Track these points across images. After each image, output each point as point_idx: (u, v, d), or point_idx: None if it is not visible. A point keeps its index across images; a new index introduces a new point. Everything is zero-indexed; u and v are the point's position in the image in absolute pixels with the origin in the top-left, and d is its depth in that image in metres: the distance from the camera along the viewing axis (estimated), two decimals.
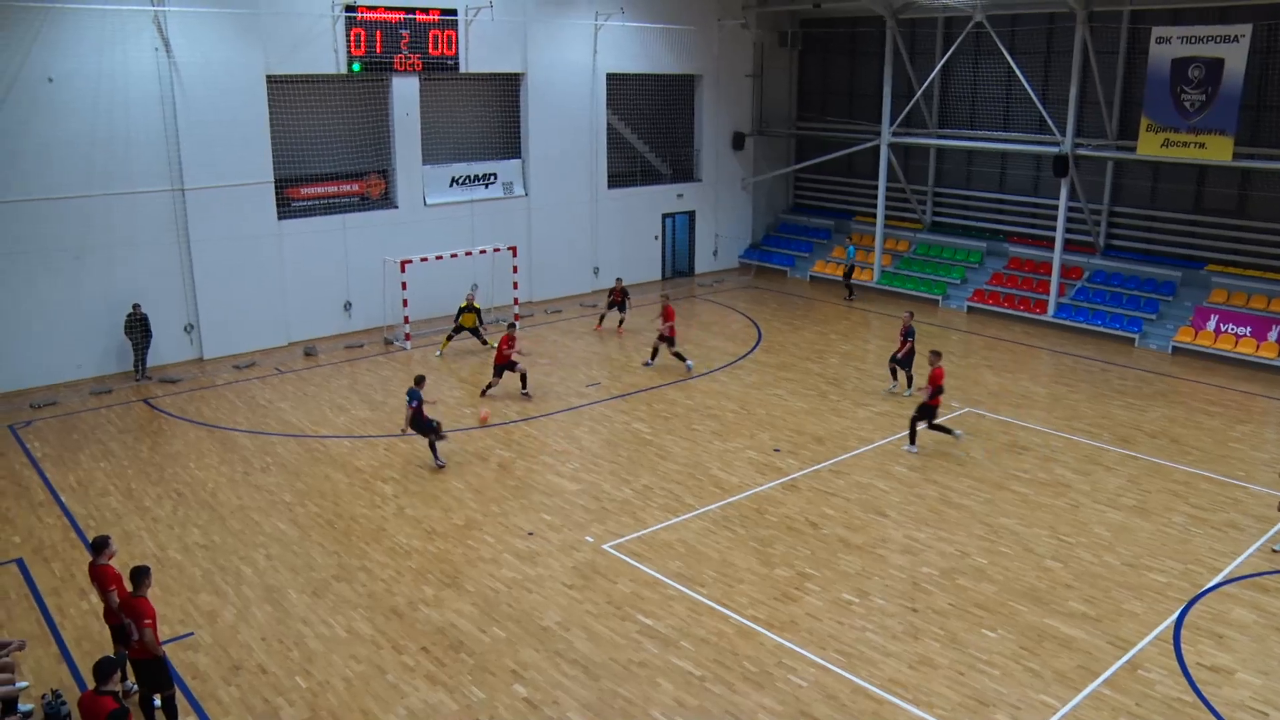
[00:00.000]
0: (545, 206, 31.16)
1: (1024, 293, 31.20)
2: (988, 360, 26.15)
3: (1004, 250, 33.27)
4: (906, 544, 15.60)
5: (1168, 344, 27.82)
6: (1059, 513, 16.83)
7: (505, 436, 19.85)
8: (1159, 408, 22.64)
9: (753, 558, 15.04)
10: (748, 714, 11.39)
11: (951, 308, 32.20)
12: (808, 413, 21.56)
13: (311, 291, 26.44)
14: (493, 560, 14.79)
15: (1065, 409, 22.16)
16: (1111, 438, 20.49)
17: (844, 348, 26.96)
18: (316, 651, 12.48)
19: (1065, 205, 29.64)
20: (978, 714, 11.51)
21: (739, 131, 36.66)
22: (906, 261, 34.69)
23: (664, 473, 18.17)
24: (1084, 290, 30.53)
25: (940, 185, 35.72)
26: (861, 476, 18.20)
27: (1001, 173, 33.99)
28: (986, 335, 28.94)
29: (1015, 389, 23.56)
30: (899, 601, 13.89)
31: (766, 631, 13.07)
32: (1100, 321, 29.22)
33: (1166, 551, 15.66)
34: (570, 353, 25.72)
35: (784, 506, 16.85)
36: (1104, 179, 31.14)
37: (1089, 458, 19.28)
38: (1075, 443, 20.05)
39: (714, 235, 36.87)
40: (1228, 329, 27.30)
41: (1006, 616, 13.58)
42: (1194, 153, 26.70)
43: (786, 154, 39.15)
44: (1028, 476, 18.31)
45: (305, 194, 26.51)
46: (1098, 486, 17.91)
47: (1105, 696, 11.93)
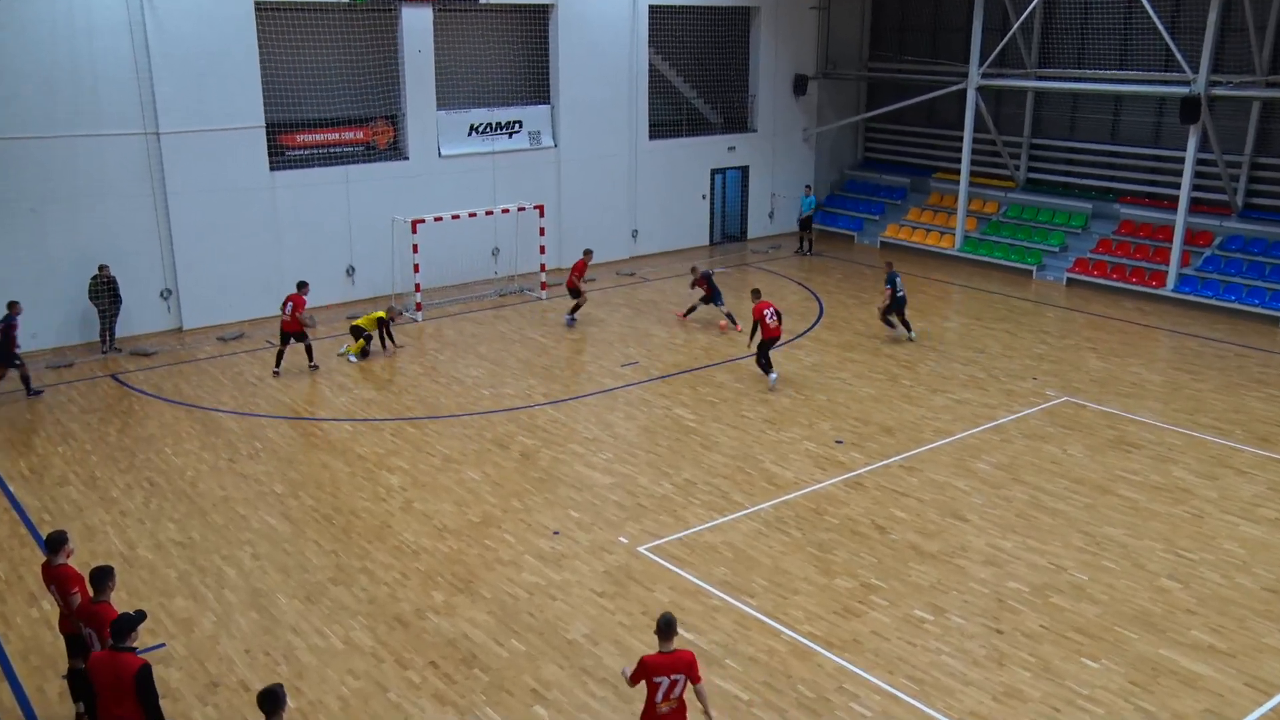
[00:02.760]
0: (577, 160, 31.10)
1: (1138, 262, 30.72)
2: (1091, 342, 25.79)
3: (1114, 212, 32.79)
4: (990, 554, 15.41)
5: None
6: (1178, 523, 16.51)
7: (529, 422, 19.86)
8: None
9: (810, 566, 14.92)
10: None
11: (1048, 280, 31.80)
12: (875, 399, 21.38)
13: (309, 254, 26.55)
14: (512, 563, 14.79)
15: (1187, 400, 21.76)
16: (1246, 435, 20.06)
17: (919, 325, 26.67)
18: (309, 665, 12.50)
19: (1194, 157, 28.87)
20: None
21: (801, 74, 36.36)
22: (995, 226, 34.31)
23: (709, 466, 18.09)
24: (1214, 259, 29.89)
25: (1038, 136, 35.25)
26: (937, 474, 18.01)
27: (1114, 120, 33.39)
28: (1090, 313, 28.54)
29: (1125, 375, 23.20)
30: (981, 621, 13.72)
31: (825, 651, 12.95)
32: (1234, 297, 28.58)
33: None
34: (604, 328, 25.70)
35: (847, 507, 16.71)
36: (1247, 124, 30.13)
37: (1217, 459, 18.91)
38: (1199, 440, 19.68)
39: (770, 194, 36.68)
40: None
41: (1112, 644, 13.34)
42: None
43: (856, 100, 38.82)
44: (1138, 479, 18.01)
45: (302, 141, 26.62)
46: (1228, 494, 17.54)
47: None
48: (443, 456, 18.33)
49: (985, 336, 25.93)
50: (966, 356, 24.14)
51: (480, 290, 28.59)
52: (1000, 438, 19.59)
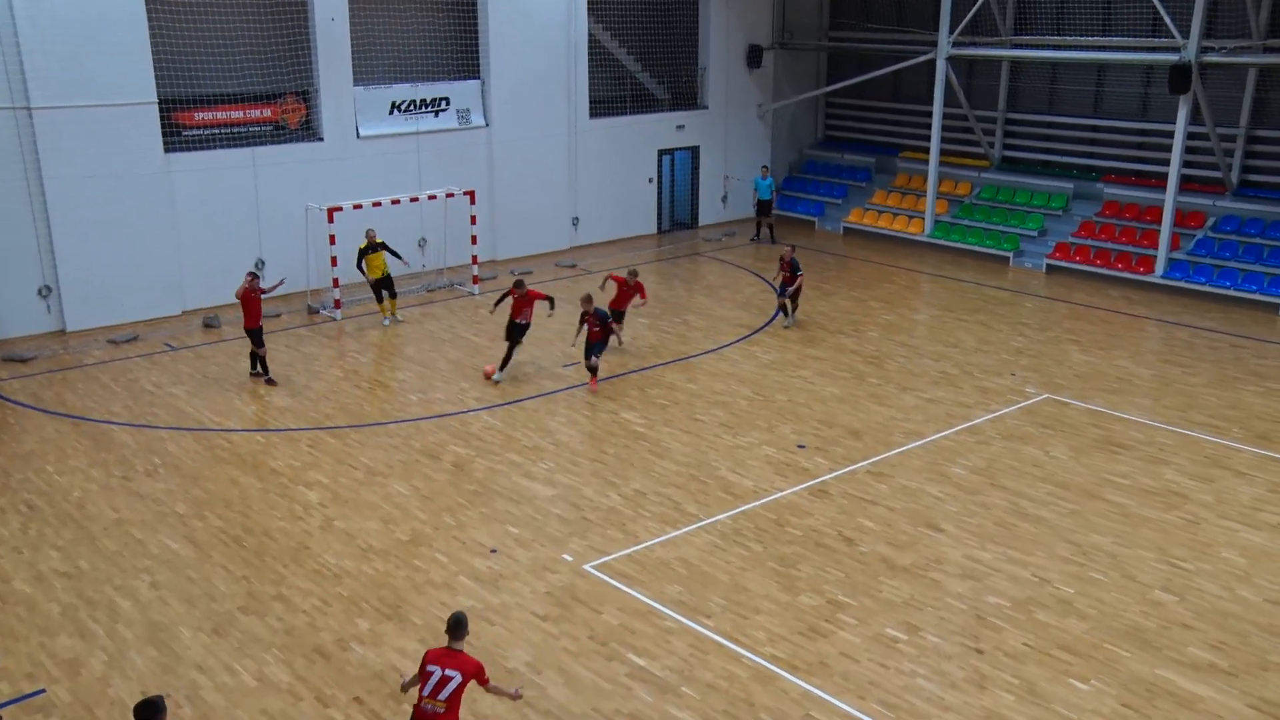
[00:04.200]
0: (511, 140, 31.01)
1: (1124, 247, 31.15)
2: (1073, 334, 26.10)
3: (1098, 192, 33.22)
4: (968, 566, 15.54)
5: None
6: (1171, 530, 16.72)
7: (462, 429, 19.77)
8: None
9: (772, 582, 14.96)
10: None
11: (1026, 267, 32.15)
12: (840, 400, 21.51)
13: (212, 246, 26.27)
14: (445, 585, 14.69)
15: (1179, 396, 22.07)
16: (1245, 434, 20.37)
17: (886, 318, 26.91)
18: (216, 707, 12.30)
19: (1184, 131, 29.21)
20: None
21: (755, 45, 36.51)
22: (967, 209, 34.67)
23: (660, 475, 18.09)
24: (1206, 242, 30.31)
25: (1014, 110, 35.64)
26: (909, 480, 18.14)
27: (1097, 92, 33.78)
28: (1072, 302, 28.91)
29: (1110, 370, 23.50)
30: (959, 640, 13.82)
31: (789, 675, 12.99)
32: (1229, 283, 29.03)
33: None
34: (544, 325, 25.58)
35: (811, 517, 16.78)
36: (1242, 94, 30.51)
37: (1213, 459, 19.18)
38: (1193, 439, 19.96)
39: (723, 177, 36.78)
40: None
41: (1103, 663, 13.48)
42: None
43: (816, 73, 39.04)
44: (1127, 482, 18.23)
45: (201, 119, 26.28)
46: (1226, 497, 17.78)
47: None
48: (366, 469, 18.18)
49: (958, 329, 26.16)
50: (938, 352, 24.34)
51: (406, 285, 28.35)
52: (976, 439, 19.75)
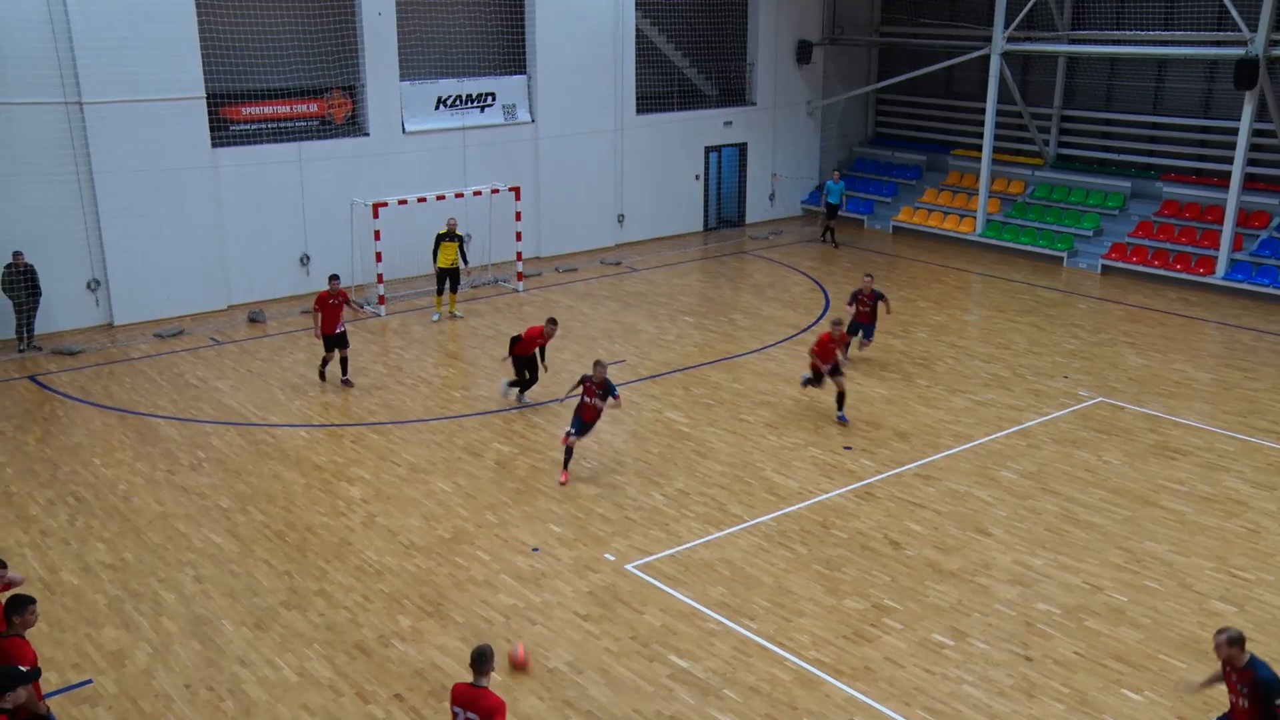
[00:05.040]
0: (557, 136, 31.13)
1: (1183, 247, 30.88)
2: (1129, 336, 25.91)
3: (1156, 191, 32.96)
4: (1017, 572, 15.48)
5: None
6: (1230, 539, 16.57)
7: (504, 427, 19.89)
8: None
9: (816, 585, 14.97)
10: None
11: (1080, 268, 31.96)
12: (888, 401, 21.49)
13: (257, 241, 26.57)
14: (487, 584, 14.79)
15: (1239, 401, 21.87)
16: None
17: (935, 319, 26.82)
18: (258, 701, 12.45)
19: (1249, 128, 28.92)
20: None
21: (805, 40, 36.48)
22: (1020, 208, 34.48)
23: (704, 475, 18.13)
24: (1271, 243, 29.95)
25: (1071, 108, 35.45)
26: (957, 483, 18.09)
27: (1157, 88, 33.51)
28: (1128, 304, 28.69)
29: (1167, 374, 23.32)
30: (1007, 647, 13.78)
31: (833, 680, 13.00)
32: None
33: None
34: (588, 323, 25.72)
35: (857, 520, 16.78)
36: None
37: (1275, 466, 18.96)
38: (1254, 445, 19.76)
39: (771, 174, 36.77)
40: None
41: (1157, 674, 13.37)
42: None
43: (866, 70, 38.94)
44: (1184, 489, 18.08)
45: (248, 115, 26.59)
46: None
47: None
48: (409, 466, 18.33)
49: (1010, 331, 26.04)
50: (988, 354, 24.23)
51: None
52: (1027, 443, 19.66)
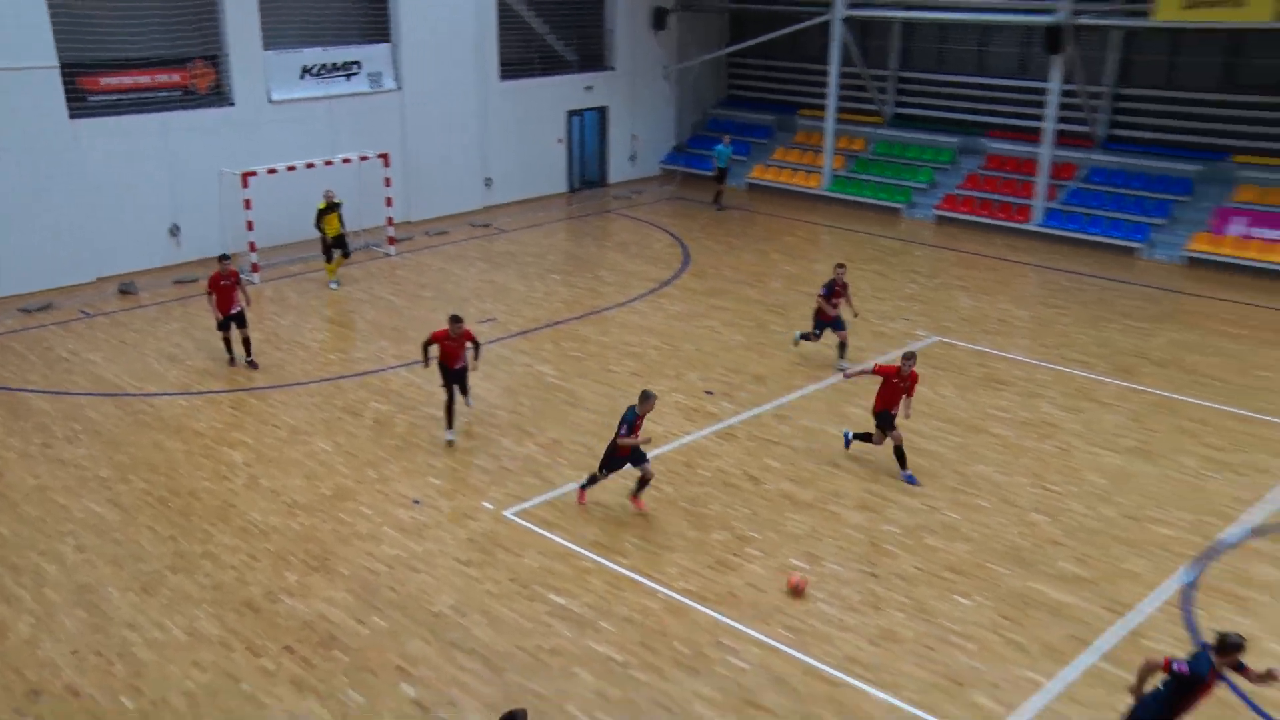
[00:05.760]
0: (423, 103, 30.76)
1: (1005, 197, 31.78)
2: (960, 280, 26.66)
3: (982, 147, 33.85)
4: (864, 499, 15.99)
5: (1180, 254, 28.53)
6: (1046, 458, 17.37)
7: (382, 387, 19.79)
8: (1168, 331, 23.32)
9: (683, 520, 15.30)
10: (681, 704, 11.68)
11: (917, 218, 32.71)
12: (745, 347, 21.84)
13: (124, 213, 25.75)
14: (370, 537, 14.81)
15: (1054, 335, 22.74)
16: (1109, 368, 21.10)
17: (788, 269, 27.28)
18: (147, 662, 12.27)
19: (1059, 89, 29.97)
20: (951, 695, 11.95)
21: (660, 7, 36.46)
22: (862, 163, 35.10)
23: (575, 423, 18.32)
24: (1078, 193, 31.12)
25: (906, 69, 36.10)
26: (810, 420, 18.55)
27: (981, 51, 34.37)
28: (959, 250, 29.47)
29: (993, 313, 24.10)
30: (857, 566, 14.27)
31: (701, 607, 13.34)
32: (1098, 230, 29.85)
33: (1175, 500, 16.21)
34: (460, 283, 25.63)
35: (718, 459, 17.13)
36: (1109, 54, 31.44)
37: (1082, 392, 19.85)
38: (1065, 375, 20.61)
39: (630, 136, 36.82)
40: (1257, 233, 27.74)
41: (984, 581, 14.04)
42: (1226, 14, 26.33)
43: (719, 35, 39.06)
44: (1007, 416, 18.84)
45: (106, 85, 25.50)
46: (1092, 426, 18.47)
47: (1103, 671, 12.38)
48: (289, 428, 18.17)
49: (855, 278, 26.49)
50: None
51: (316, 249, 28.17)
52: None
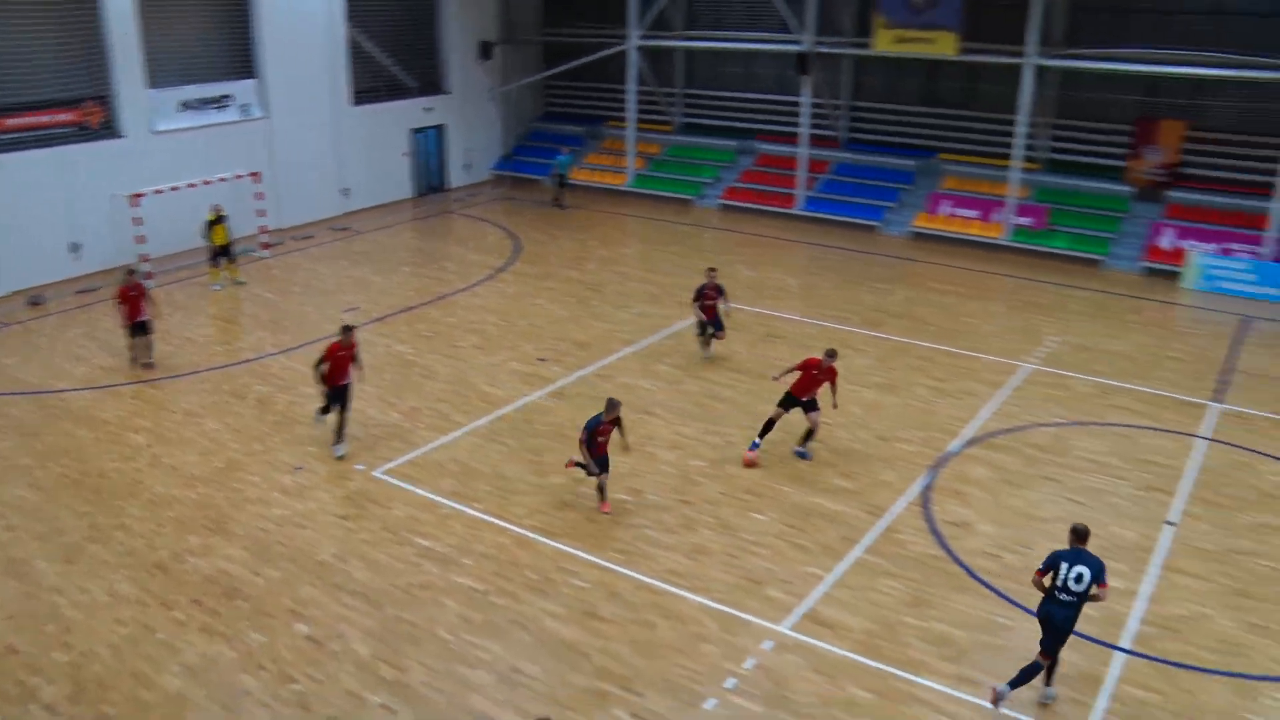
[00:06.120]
0: (286, 128, 29.48)
1: (774, 188, 32.22)
2: (742, 256, 26.96)
3: (753, 148, 34.23)
4: (675, 440, 16.05)
5: (908, 229, 29.59)
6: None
7: (263, 372, 18.96)
8: (901, 290, 24.07)
9: (526, 468, 15.11)
10: (534, 620, 11.56)
11: (705, 207, 32.91)
12: (570, 320, 21.67)
13: (30, 234, 24.07)
14: (260, 500, 14.23)
15: (817, 298, 23.22)
16: (860, 321, 21.67)
17: (602, 253, 27.16)
18: (75, 621, 11.67)
19: (809, 102, 30.67)
20: (752, 592, 12.13)
21: (485, 40, 35.71)
22: (659, 164, 35.09)
23: (430, 392, 17.90)
24: (830, 183, 31.88)
25: (690, 87, 36.24)
26: (627, 378, 18.52)
27: (749, 72, 34.78)
28: (740, 231, 29.80)
29: (770, 282, 24.44)
30: (672, 496, 14.33)
31: (545, 539, 13.23)
32: (845, 212, 30.67)
33: (913, 423, 16.80)
34: (324, 279, 24.74)
35: (553, 415, 16.96)
36: (843, 76, 32.52)
37: (841, 342, 20.22)
38: (828, 329, 21.07)
39: (465, 149, 36.08)
40: (959, 213, 29.31)
41: (773, 499, 14.26)
42: (923, 47, 28.26)
43: (535, 62, 38.53)
44: (785, 364, 19.05)
45: (9, 125, 23.93)
46: (850, 368, 18.87)
47: (866, 561, 12.82)
48: (184, 412, 17.25)
49: (658, 258, 26.67)
50: (643, 277, 24.81)
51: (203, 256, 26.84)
52: (676, 343, 20.30)
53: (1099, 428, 16.85)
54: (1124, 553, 13.21)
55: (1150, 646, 11.41)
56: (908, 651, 11.19)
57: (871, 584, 12.38)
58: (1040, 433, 16.65)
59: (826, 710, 10.28)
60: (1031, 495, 14.61)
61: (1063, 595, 10.03)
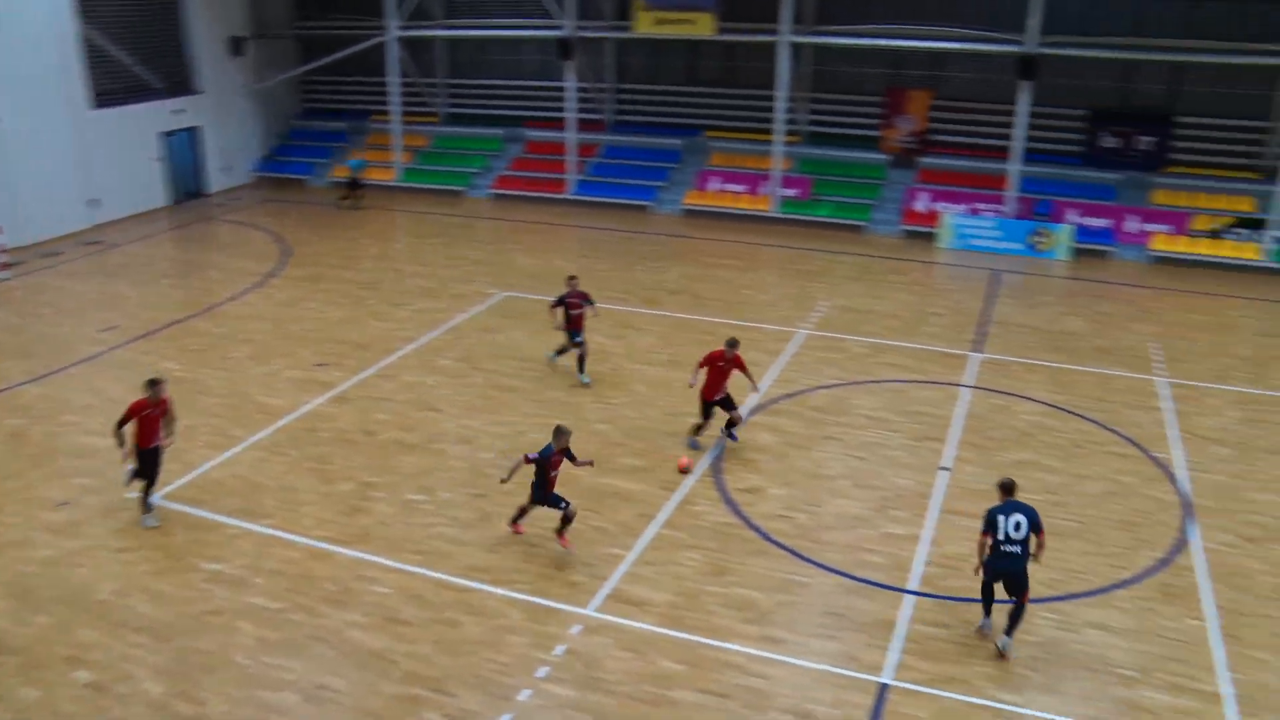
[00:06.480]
0: (18, 138, 27.17)
1: (544, 175, 32.33)
2: (518, 244, 26.93)
3: (522, 135, 34.20)
4: (463, 434, 15.90)
5: (679, 207, 30.30)
6: (601, 378, 17.91)
7: (13, 403, 17.44)
8: (678, 267, 24.65)
9: (313, 478, 14.62)
10: (335, 633, 11.23)
11: (477, 197, 32.67)
12: (347, 321, 21.07)
13: None
14: (21, 542, 13.11)
15: (595, 280, 23.36)
16: (639, 300, 22.05)
17: (375, 250, 26.54)
18: None
19: (575, 86, 30.85)
20: (555, 579, 12.18)
21: (236, 36, 34.09)
22: (427, 156, 34.56)
23: (205, 408, 16.99)
24: (600, 166, 32.25)
25: (455, 77, 35.86)
26: (410, 376, 18.20)
27: (513, 59, 34.71)
28: (514, 220, 29.73)
29: (548, 268, 24.51)
30: (464, 491, 14.20)
31: (340, 549, 12.85)
32: (617, 194, 31.11)
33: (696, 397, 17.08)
34: (76, 298, 23.07)
35: (336, 420, 16.47)
36: (607, 59, 32.89)
37: (622, 322, 20.62)
38: (609, 310, 21.28)
39: (222, 150, 34.42)
40: (728, 188, 30.24)
41: (568, 484, 14.14)
42: (683, 28, 28.95)
43: (292, 57, 37.11)
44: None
45: None
46: (633, 348, 19.25)
47: (665, 536, 13.11)
48: None
49: (430, 252, 26.28)
50: (418, 271, 24.40)
51: None
52: (456, 336, 20.09)
53: (873, 385, 17.81)
54: (904, 501, 14.05)
55: (935, 585, 12.19)
56: (712, 619, 11.53)
57: (672, 558, 12.67)
58: (820, 395, 17.45)
59: (639, 686, 10.48)
60: (816, 455, 15.31)
61: (1008, 547, 10.72)
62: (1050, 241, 26.62)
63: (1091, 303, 22.97)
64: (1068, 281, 24.84)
